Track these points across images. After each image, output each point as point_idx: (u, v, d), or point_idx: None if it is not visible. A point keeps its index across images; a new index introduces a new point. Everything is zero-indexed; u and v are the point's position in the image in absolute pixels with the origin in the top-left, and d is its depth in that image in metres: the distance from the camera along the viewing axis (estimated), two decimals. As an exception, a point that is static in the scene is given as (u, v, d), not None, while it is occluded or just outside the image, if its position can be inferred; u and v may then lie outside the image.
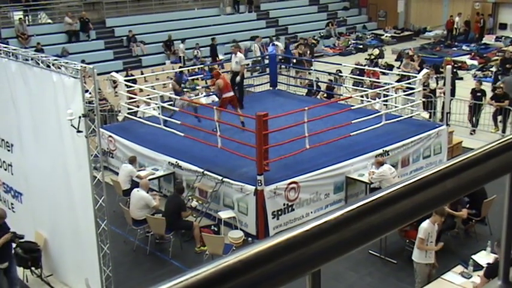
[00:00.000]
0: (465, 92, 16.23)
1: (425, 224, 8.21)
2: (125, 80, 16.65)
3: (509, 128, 15.03)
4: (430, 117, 15.35)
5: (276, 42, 23.76)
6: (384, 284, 9.17)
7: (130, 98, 15.14)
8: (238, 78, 14.58)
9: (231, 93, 13.28)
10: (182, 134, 12.45)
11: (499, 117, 15.31)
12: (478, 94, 15.60)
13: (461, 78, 18.92)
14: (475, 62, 23.27)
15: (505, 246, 1.18)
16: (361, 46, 27.64)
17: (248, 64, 21.76)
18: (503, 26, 29.03)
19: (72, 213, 8.27)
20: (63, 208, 8.45)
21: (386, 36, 29.60)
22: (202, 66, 20.18)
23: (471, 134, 15.42)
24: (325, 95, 16.97)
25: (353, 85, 17.11)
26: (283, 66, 21.28)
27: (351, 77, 17.58)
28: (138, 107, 15.46)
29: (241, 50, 15.68)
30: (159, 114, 13.43)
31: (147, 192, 10.58)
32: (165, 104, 13.83)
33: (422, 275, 8.33)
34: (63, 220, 8.58)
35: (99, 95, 16.53)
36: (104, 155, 14.04)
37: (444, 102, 14.08)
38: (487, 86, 16.67)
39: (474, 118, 15.67)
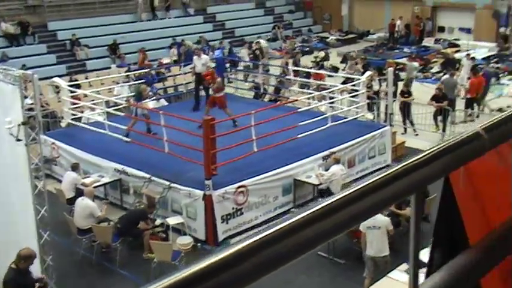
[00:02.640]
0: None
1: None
2: (69, 85, 16.28)
3: (449, 128, 15.53)
4: (374, 118, 15.69)
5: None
6: (334, 284, 9.30)
7: (74, 103, 14.80)
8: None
9: (223, 93, 13.77)
10: (128, 140, 12.27)
11: (439, 118, 15.79)
12: (406, 95, 16.07)
13: (403, 80, 19.40)
14: (416, 64, 23.93)
15: (413, 262, 1.22)
16: (307, 49, 27.96)
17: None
18: (442, 29, 30.04)
19: (13, 225, 7.98)
20: (4, 221, 8.14)
21: (331, 39, 30.07)
22: (148, 70, 19.90)
23: (403, 133, 15.82)
24: (272, 98, 17.09)
25: (299, 88, 17.29)
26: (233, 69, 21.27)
27: (297, 80, 17.76)
28: (82, 112, 15.13)
29: (200, 52, 15.74)
30: (104, 119, 13.18)
31: (93, 201, 10.38)
32: (110, 110, 13.58)
33: None
34: (3, 232, 8.27)
35: (41, 101, 16.24)
36: (47, 162, 13.64)
37: (387, 104, 14.44)
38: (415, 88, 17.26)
39: (407, 119, 16.10)
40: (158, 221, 10.47)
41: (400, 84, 17.10)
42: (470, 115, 16.96)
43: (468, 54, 20.80)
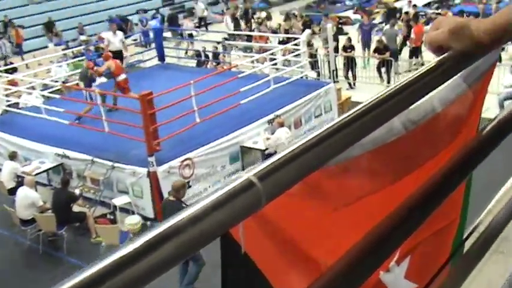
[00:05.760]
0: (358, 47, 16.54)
1: None
2: (5, 70, 15.65)
3: (393, 79, 15.60)
4: (318, 75, 15.60)
5: None
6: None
7: (8, 89, 14.24)
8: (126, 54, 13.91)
9: (124, 76, 12.80)
10: (67, 122, 11.86)
11: (383, 69, 15.82)
12: (349, 50, 16.01)
13: (347, 33, 19.33)
14: (359, 17, 23.85)
15: None
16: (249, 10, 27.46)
17: (136, 39, 21.15)
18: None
19: None
20: None
21: (273, -3, 29.63)
22: (86, 46, 19.24)
23: (348, 89, 15.72)
24: (214, 64, 16.79)
25: (242, 51, 17.03)
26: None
27: (239, 44, 17.48)
28: (19, 97, 14.56)
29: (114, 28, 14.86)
30: (41, 103, 12.72)
31: (36, 190, 10.09)
32: (44, 93, 13.11)
33: None
34: None
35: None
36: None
37: (329, 60, 14.35)
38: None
39: (351, 73, 16.04)
40: (77, 191, 10.17)
41: (342, 39, 17.00)
42: (415, 64, 17.03)
43: (410, 1, 20.78)
